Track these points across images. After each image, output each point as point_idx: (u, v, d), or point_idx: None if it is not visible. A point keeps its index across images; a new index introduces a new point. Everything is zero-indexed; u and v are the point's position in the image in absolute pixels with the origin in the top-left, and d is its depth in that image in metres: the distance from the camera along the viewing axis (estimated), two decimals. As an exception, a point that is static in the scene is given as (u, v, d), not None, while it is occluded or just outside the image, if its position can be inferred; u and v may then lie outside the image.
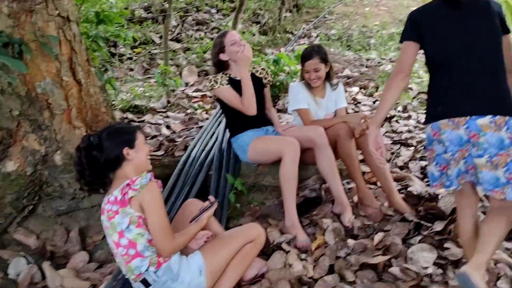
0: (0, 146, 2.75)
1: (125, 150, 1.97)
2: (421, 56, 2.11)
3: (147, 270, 1.91)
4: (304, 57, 3.08)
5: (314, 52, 3.03)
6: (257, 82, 3.12)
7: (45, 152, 2.73)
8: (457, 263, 2.27)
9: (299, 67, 3.16)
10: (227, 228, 2.68)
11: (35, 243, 2.61)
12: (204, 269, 1.97)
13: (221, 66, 3.09)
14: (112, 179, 2.01)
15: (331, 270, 2.37)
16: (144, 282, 1.93)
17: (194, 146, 3.49)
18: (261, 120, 3.11)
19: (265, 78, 3.22)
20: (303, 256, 2.47)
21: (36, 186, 2.70)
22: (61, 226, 2.70)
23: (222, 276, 2.05)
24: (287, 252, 2.43)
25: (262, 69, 3.25)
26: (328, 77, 3.15)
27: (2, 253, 2.50)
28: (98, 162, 1.95)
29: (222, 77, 3.02)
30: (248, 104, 2.94)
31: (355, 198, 3.01)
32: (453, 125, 1.89)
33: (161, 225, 1.92)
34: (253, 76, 3.11)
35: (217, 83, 2.99)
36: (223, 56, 3.03)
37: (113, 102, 4.89)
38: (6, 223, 2.60)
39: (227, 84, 2.99)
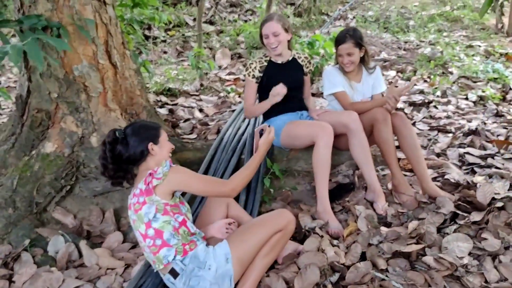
0: (40, 127, 2.84)
1: (150, 145, 2.00)
2: (462, 39, 2.03)
3: (174, 259, 1.92)
4: (338, 41, 3.00)
5: (348, 36, 2.94)
6: (298, 68, 3.12)
7: (82, 134, 2.80)
8: (494, 255, 2.19)
9: (334, 50, 3.10)
10: (259, 212, 2.69)
11: (73, 222, 2.69)
12: (230, 256, 1.96)
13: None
14: (136, 173, 2.05)
15: (363, 257, 2.34)
16: (173, 272, 1.94)
17: (227, 130, 3.50)
18: (296, 104, 3.08)
19: (306, 67, 3.18)
20: (335, 242, 2.45)
21: (73, 167, 2.77)
22: (97, 206, 2.77)
23: (251, 266, 2.03)
24: (321, 237, 2.42)
25: (305, 57, 3.19)
26: (364, 61, 3.07)
27: (42, 231, 2.59)
28: (122, 157, 1.98)
29: (259, 61, 3.05)
30: (247, 110, 3.09)
31: (389, 185, 2.95)
32: None
33: (206, 183, 1.99)
34: (294, 61, 3.10)
35: (247, 71, 3.05)
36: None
37: (147, 85, 4.95)
38: (45, 202, 2.69)
39: (253, 77, 3.03)
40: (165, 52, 6.89)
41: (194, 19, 7.66)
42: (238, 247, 1.98)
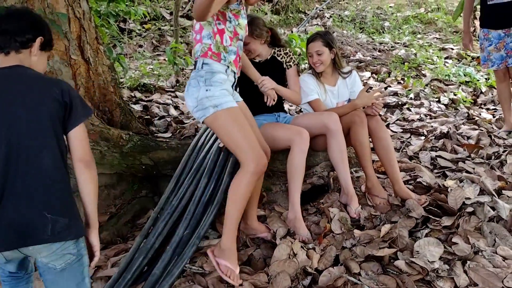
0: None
1: None
2: (435, 41, 2.06)
3: (199, 55, 2.26)
4: (308, 40, 3.05)
5: (318, 36, 2.99)
6: (277, 67, 3.00)
7: (53, 131, 2.71)
8: (464, 260, 2.24)
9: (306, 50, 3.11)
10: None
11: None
12: (219, 109, 2.18)
13: None
14: None
15: (336, 260, 2.36)
16: (196, 64, 2.29)
17: (205, 130, 3.43)
18: (274, 105, 3.00)
19: (287, 62, 3.03)
20: (310, 245, 2.45)
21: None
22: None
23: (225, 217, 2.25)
24: (292, 242, 2.42)
25: (285, 53, 3.02)
26: (335, 64, 3.07)
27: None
28: None
29: None
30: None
31: (363, 188, 2.98)
32: None
33: None
34: (274, 60, 3.00)
35: None
36: None
37: (121, 80, 4.85)
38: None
39: None
40: (140, 46, 6.77)
41: (171, 13, 7.54)
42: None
